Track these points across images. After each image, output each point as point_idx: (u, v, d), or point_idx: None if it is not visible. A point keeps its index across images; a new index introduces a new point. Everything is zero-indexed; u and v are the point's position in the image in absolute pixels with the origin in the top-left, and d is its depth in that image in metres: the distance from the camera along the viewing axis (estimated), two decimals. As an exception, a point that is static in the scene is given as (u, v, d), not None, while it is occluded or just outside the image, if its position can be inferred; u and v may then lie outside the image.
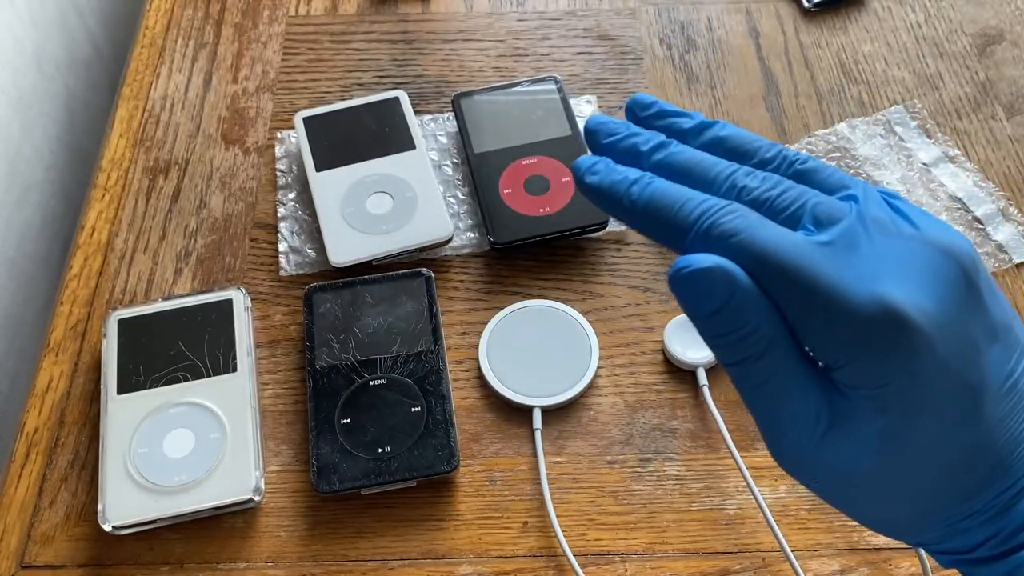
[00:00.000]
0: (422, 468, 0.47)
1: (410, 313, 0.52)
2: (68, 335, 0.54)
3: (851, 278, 0.27)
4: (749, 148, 0.30)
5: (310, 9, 0.70)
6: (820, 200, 0.28)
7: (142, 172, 0.61)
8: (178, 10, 0.70)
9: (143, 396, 0.49)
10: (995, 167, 0.60)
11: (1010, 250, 0.56)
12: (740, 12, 0.69)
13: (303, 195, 0.59)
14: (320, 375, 0.50)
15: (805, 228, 0.28)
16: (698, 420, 0.51)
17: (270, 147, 0.62)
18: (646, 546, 0.47)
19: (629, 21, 0.69)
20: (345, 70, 0.66)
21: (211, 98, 0.65)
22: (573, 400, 0.51)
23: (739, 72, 0.65)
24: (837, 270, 0.27)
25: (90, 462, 0.50)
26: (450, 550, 0.47)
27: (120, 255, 0.57)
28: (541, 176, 0.58)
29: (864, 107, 0.63)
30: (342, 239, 0.55)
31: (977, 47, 0.66)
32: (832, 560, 0.46)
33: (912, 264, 0.27)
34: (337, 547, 0.47)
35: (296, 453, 0.50)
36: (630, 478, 0.49)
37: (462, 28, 0.68)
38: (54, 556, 0.47)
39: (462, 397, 0.52)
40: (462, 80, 0.65)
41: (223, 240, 0.58)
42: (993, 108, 0.63)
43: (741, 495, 0.48)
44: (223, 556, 0.47)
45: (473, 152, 0.59)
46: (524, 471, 0.49)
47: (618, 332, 0.54)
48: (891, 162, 0.60)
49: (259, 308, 0.55)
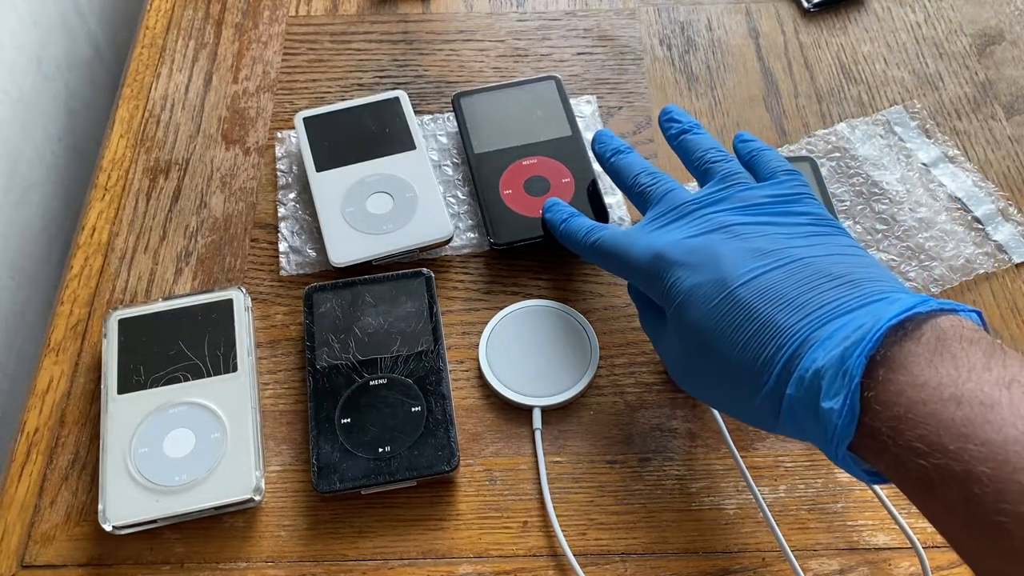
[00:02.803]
0: (422, 468, 0.47)
1: (410, 313, 0.52)
2: (68, 335, 0.54)
3: (643, 244, 0.44)
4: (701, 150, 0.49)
5: (310, 9, 0.70)
6: (671, 189, 0.47)
7: (142, 172, 0.61)
8: (178, 10, 0.70)
9: (143, 396, 0.49)
10: (995, 167, 0.60)
11: (1010, 250, 0.56)
12: (740, 12, 0.69)
13: (303, 195, 0.59)
14: (320, 375, 0.50)
15: (653, 207, 0.47)
16: (698, 420, 0.51)
17: (270, 147, 0.62)
18: (646, 546, 0.47)
19: (629, 21, 0.69)
20: (345, 70, 0.66)
21: (211, 98, 0.65)
22: (573, 400, 0.51)
23: (739, 72, 0.65)
24: (635, 240, 0.45)
25: (90, 462, 0.50)
26: (450, 550, 0.47)
27: (120, 255, 0.57)
28: (541, 177, 0.58)
29: (864, 107, 0.63)
30: (342, 239, 0.56)
31: (977, 47, 0.66)
32: (832, 560, 0.46)
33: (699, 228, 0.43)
34: (337, 547, 0.47)
35: (296, 453, 0.50)
36: (630, 478, 0.49)
37: (462, 28, 0.68)
38: (54, 556, 0.47)
39: (462, 397, 0.52)
40: (462, 80, 0.65)
41: (223, 240, 0.58)
42: (993, 108, 0.63)
43: (741, 495, 0.48)
44: (223, 556, 0.47)
45: (473, 152, 0.59)
46: (524, 471, 0.49)
47: (618, 332, 0.54)
48: (891, 162, 0.60)
49: (259, 308, 0.55)
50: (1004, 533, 0.30)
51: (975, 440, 0.31)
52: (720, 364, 0.39)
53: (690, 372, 0.42)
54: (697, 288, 0.40)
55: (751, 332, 0.38)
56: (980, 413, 0.31)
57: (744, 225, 0.42)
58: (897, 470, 0.33)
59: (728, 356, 0.39)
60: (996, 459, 0.30)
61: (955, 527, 0.32)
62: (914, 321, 0.34)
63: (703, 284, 0.40)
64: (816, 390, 0.35)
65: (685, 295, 0.41)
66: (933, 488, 0.32)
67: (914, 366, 0.33)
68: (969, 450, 0.31)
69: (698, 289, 0.40)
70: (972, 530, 0.31)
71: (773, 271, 0.39)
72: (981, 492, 0.30)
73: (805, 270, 0.39)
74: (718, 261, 0.40)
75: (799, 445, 0.50)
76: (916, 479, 0.32)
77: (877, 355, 0.34)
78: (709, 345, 0.39)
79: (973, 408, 0.31)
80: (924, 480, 0.32)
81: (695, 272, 0.41)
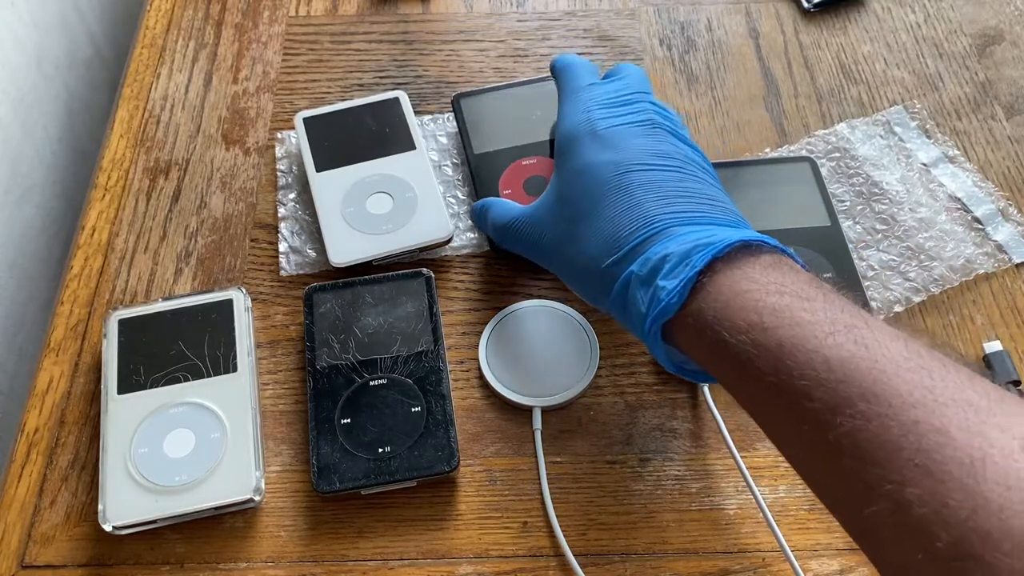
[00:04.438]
0: (422, 468, 0.47)
1: (410, 313, 0.52)
2: (68, 335, 0.54)
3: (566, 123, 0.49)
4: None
5: (310, 9, 0.70)
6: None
7: (142, 172, 0.61)
8: (178, 10, 0.70)
9: (143, 396, 0.49)
10: (994, 167, 0.60)
11: (1009, 250, 0.56)
12: (740, 12, 0.69)
13: (303, 195, 0.59)
14: (320, 375, 0.50)
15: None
16: (698, 420, 0.51)
17: (270, 147, 0.62)
18: (646, 546, 0.47)
19: (629, 21, 0.69)
20: (345, 70, 0.66)
21: (211, 98, 0.65)
22: (573, 400, 0.51)
23: (739, 72, 0.65)
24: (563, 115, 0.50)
25: (90, 462, 0.50)
26: (450, 550, 0.47)
27: (120, 255, 0.57)
28: (540, 176, 0.58)
29: (864, 107, 0.63)
30: (342, 239, 0.56)
31: (977, 47, 0.66)
32: (832, 560, 0.46)
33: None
34: (337, 547, 0.47)
35: (296, 453, 0.50)
36: (630, 478, 0.49)
37: (462, 28, 0.68)
38: (54, 556, 0.47)
39: (462, 397, 0.52)
40: (462, 80, 0.65)
41: (223, 240, 0.58)
42: (993, 108, 0.63)
43: (741, 495, 0.48)
44: (223, 556, 0.47)
45: (473, 153, 0.59)
46: (524, 471, 0.49)
47: (618, 332, 0.54)
48: (891, 162, 0.60)
49: (259, 308, 0.55)
50: (805, 395, 0.34)
51: (789, 321, 0.35)
52: (587, 231, 0.44)
53: (559, 240, 0.46)
54: (600, 163, 0.45)
55: (624, 209, 0.43)
56: (798, 303, 0.36)
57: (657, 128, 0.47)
58: (716, 349, 0.37)
59: (598, 224, 0.43)
60: (804, 335, 0.35)
61: (765, 400, 0.36)
62: (761, 248, 0.40)
63: (606, 162, 0.45)
64: (656, 271, 0.40)
65: (588, 165, 0.45)
66: (750, 362, 0.36)
67: (749, 268, 0.38)
68: (783, 328, 0.35)
69: (600, 164, 0.45)
70: (780, 399, 0.35)
71: (665, 172, 0.44)
72: (792, 362, 0.34)
73: (688, 182, 0.44)
74: (626, 147, 0.45)
75: (799, 445, 0.50)
76: (735, 355, 0.36)
77: (720, 260, 0.39)
78: (587, 212, 0.44)
79: (792, 299, 0.36)
80: (741, 356, 0.36)
81: (604, 150, 0.46)
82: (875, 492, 0.31)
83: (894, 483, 0.31)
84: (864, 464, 0.32)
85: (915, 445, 0.31)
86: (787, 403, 0.35)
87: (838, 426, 0.32)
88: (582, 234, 0.44)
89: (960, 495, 0.29)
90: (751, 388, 0.37)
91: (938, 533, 0.29)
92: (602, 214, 0.43)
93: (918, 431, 0.31)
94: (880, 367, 0.33)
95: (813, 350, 0.34)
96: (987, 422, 0.30)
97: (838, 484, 0.33)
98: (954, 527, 0.29)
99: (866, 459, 0.32)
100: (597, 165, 0.45)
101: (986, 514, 0.28)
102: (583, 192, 0.45)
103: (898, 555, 0.31)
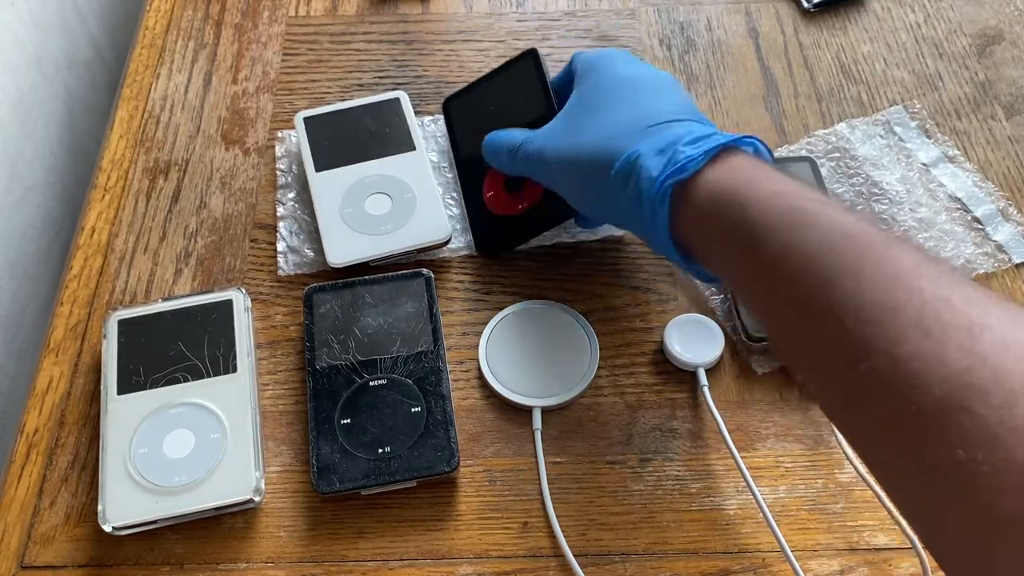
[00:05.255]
0: (422, 468, 0.47)
1: (410, 313, 0.52)
2: (68, 335, 0.54)
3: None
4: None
5: (310, 10, 0.70)
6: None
7: (142, 172, 0.61)
8: (178, 11, 0.70)
9: (143, 396, 0.49)
10: (994, 167, 0.60)
11: (1009, 250, 0.56)
12: (740, 12, 0.69)
13: (303, 195, 0.59)
14: (320, 375, 0.50)
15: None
16: (698, 420, 0.51)
17: (270, 147, 0.62)
18: (646, 546, 0.47)
19: (629, 21, 0.69)
20: (345, 70, 0.66)
21: (211, 99, 0.65)
22: (573, 400, 0.51)
23: (739, 72, 0.65)
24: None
25: (90, 462, 0.50)
26: (450, 550, 0.47)
27: (120, 255, 0.57)
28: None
29: (864, 107, 0.63)
30: (340, 239, 0.55)
31: (976, 47, 0.66)
32: (832, 560, 0.46)
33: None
34: (337, 547, 0.47)
35: (296, 453, 0.50)
36: (630, 478, 0.49)
37: (462, 29, 0.68)
38: (54, 557, 0.47)
39: (462, 397, 0.52)
40: (462, 81, 0.65)
41: (223, 240, 0.58)
42: (993, 108, 0.63)
43: (741, 495, 0.48)
44: (223, 556, 0.47)
45: (461, 159, 0.59)
46: (524, 471, 0.49)
47: (618, 332, 0.54)
48: (890, 162, 0.60)
49: (259, 308, 0.55)
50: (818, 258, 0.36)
51: (807, 196, 0.39)
52: (596, 122, 0.47)
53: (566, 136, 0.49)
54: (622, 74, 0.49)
55: (637, 103, 0.47)
56: (805, 188, 0.40)
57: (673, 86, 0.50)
58: (732, 217, 0.40)
59: (608, 116, 0.47)
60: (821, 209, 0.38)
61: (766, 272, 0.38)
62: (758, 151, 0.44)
63: (627, 74, 0.49)
64: (676, 141, 0.43)
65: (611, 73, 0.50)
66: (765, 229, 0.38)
67: (745, 158, 0.42)
68: (802, 200, 0.39)
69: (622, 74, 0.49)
70: (785, 264, 0.37)
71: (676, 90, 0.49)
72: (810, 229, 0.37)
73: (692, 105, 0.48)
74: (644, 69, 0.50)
75: (799, 445, 0.50)
76: (751, 224, 0.39)
77: (729, 148, 0.43)
78: (598, 106, 0.48)
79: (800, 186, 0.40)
80: (745, 226, 0.39)
81: (628, 67, 0.50)
82: (871, 348, 0.33)
83: (891, 340, 0.32)
84: (862, 324, 0.33)
85: (917, 307, 0.32)
86: (793, 269, 0.37)
87: (843, 288, 0.35)
88: (589, 126, 0.47)
89: (958, 353, 0.31)
90: (760, 255, 0.38)
91: (932, 387, 0.30)
92: (613, 107, 0.47)
93: (922, 297, 0.33)
94: (894, 245, 0.35)
95: (832, 218, 0.37)
96: (987, 298, 0.33)
97: (834, 346, 0.35)
98: (948, 381, 0.30)
99: (866, 319, 0.33)
100: (619, 73, 0.49)
101: (981, 371, 0.30)
102: (599, 89, 0.49)
103: (891, 409, 0.32)
